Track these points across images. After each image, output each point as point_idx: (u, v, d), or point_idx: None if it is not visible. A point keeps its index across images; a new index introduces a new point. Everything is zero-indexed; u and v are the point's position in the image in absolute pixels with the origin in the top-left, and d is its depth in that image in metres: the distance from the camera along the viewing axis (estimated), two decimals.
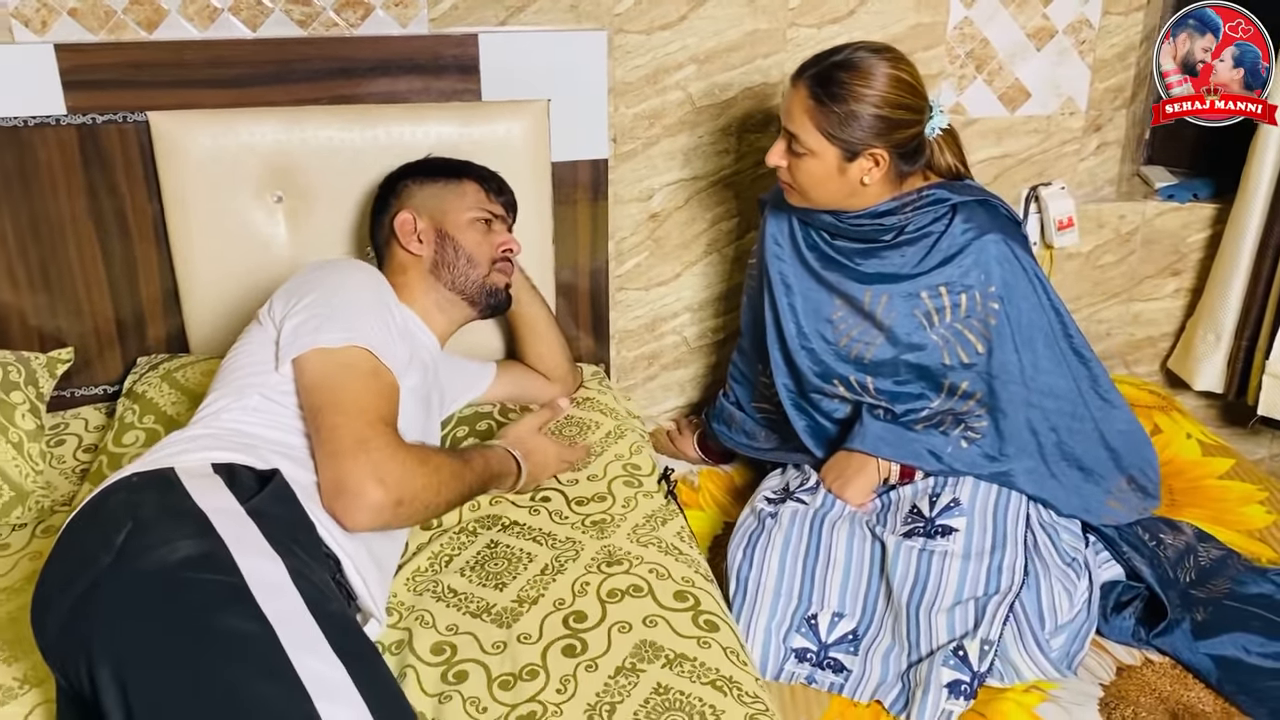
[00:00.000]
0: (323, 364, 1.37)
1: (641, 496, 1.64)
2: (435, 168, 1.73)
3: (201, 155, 1.83)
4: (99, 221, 1.87)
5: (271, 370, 1.41)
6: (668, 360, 2.28)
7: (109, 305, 1.93)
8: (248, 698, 1.03)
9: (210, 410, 1.39)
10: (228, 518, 1.18)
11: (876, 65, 1.56)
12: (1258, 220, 2.16)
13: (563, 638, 1.34)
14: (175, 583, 1.11)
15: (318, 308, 1.42)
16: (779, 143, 1.64)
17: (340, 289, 1.47)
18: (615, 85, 2.03)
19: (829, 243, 1.73)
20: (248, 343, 1.47)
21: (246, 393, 1.39)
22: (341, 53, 1.87)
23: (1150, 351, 2.49)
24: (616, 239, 2.14)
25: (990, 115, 2.25)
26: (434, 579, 1.45)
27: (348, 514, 1.28)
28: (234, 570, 1.12)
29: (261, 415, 1.37)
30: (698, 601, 1.40)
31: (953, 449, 1.66)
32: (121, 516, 1.18)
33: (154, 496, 1.21)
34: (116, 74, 1.79)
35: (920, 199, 1.64)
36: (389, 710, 1.07)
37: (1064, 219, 2.30)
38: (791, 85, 1.62)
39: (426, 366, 1.59)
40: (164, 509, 1.19)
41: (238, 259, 1.90)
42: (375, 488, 1.28)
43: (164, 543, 1.14)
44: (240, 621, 1.08)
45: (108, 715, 1.06)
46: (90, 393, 1.98)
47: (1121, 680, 1.50)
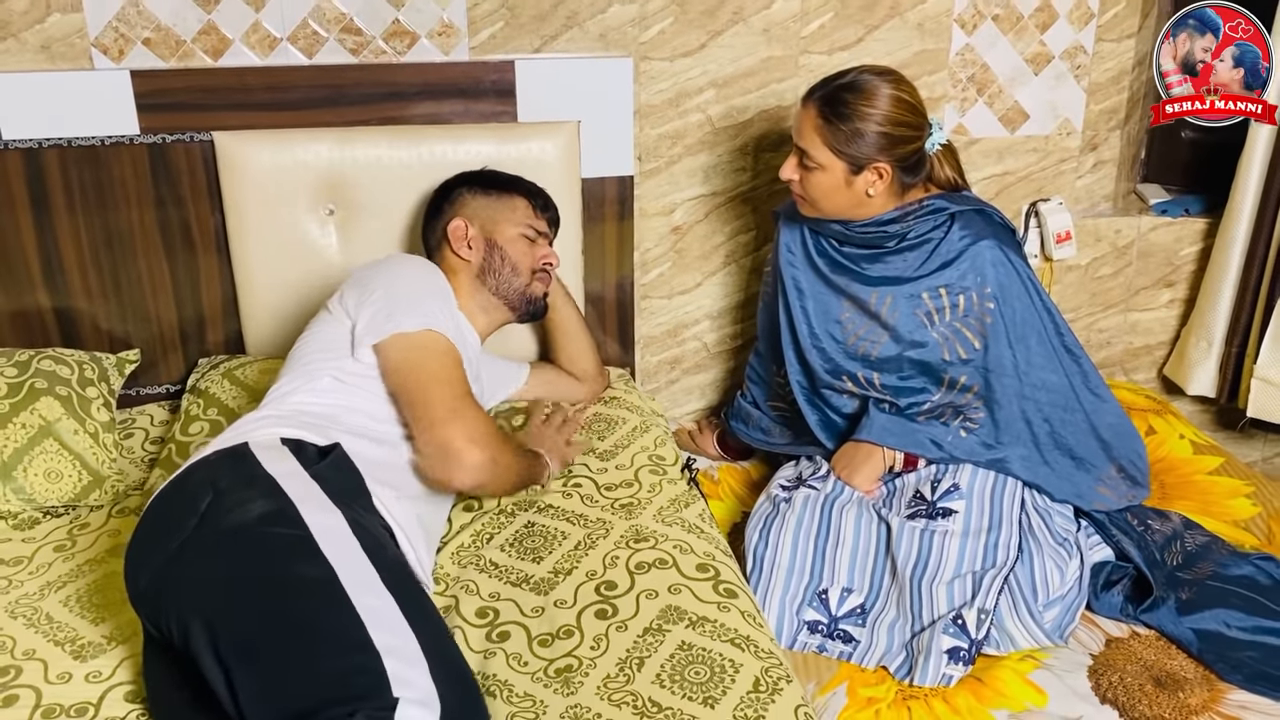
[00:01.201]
0: (404, 347, 1.52)
1: (666, 483, 1.78)
2: (489, 180, 1.87)
3: (261, 171, 1.99)
4: (166, 233, 2.03)
5: (346, 355, 1.56)
6: (689, 365, 2.43)
7: (173, 311, 2.09)
8: (314, 628, 1.18)
9: (280, 392, 1.55)
10: (295, 480, 1.34)
11: (879, 86, 1.71)
12: (1244, 234, 2.29)
13: (595, 603, 1.48)
14: (252, 538, 1.28)
15: (392, 296, 1.58)
16: (791, 158, 1.79)
17: (410, 280, 1.63)
18: (640, 108, 2.18)
19: (838, 249, 1.88)
20: (318, 331, 1.63)
21: (318, 375, 1.54)
22: (389, 78, 2.03)
23: (1147, 359, 2.61)
24: (641, 250, 2.29)
25: (991, 135, 2.40)
26: (477, 554, 1.59)
27: (454, 474, 1.46)
28: (301, 524, 1.28)
29: (330, 396, 1.53)
30: (718, 573, 1.53)
31: (952, 438, 1.79)
32: (203, 488, 1.34)
33: (230, 467, 1.37)
34: (186, 97, 1.96)
35: (921, 208, 1.78)
36: (433, 639, 1.21)
37: (1062, 232, 2.43)
38: (802, 106, 1.77)
39: (470, 361, 1.74)
40: (239, 476, 1.35)
41: (292, 267, 2.05)
42: (474, 448, 1.46)
43: (240, 505, 1.30)
44: (308, 568, 1.24)
45: (198, 656, 1.21)
46: (154, 391, 2.13)
47: (1109, 650, 1.62)
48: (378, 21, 2.03)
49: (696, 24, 2.15)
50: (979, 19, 2.29)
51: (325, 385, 1.54)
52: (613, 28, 2.12)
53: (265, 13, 1.97)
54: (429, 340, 1.54)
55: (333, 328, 1.61)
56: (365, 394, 1.54)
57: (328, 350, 1.58)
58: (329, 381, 1.54)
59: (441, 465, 1.47)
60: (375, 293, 1.59)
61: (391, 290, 1.60)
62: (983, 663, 1.60)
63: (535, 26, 2.09)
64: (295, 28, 1.99)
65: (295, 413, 1.50)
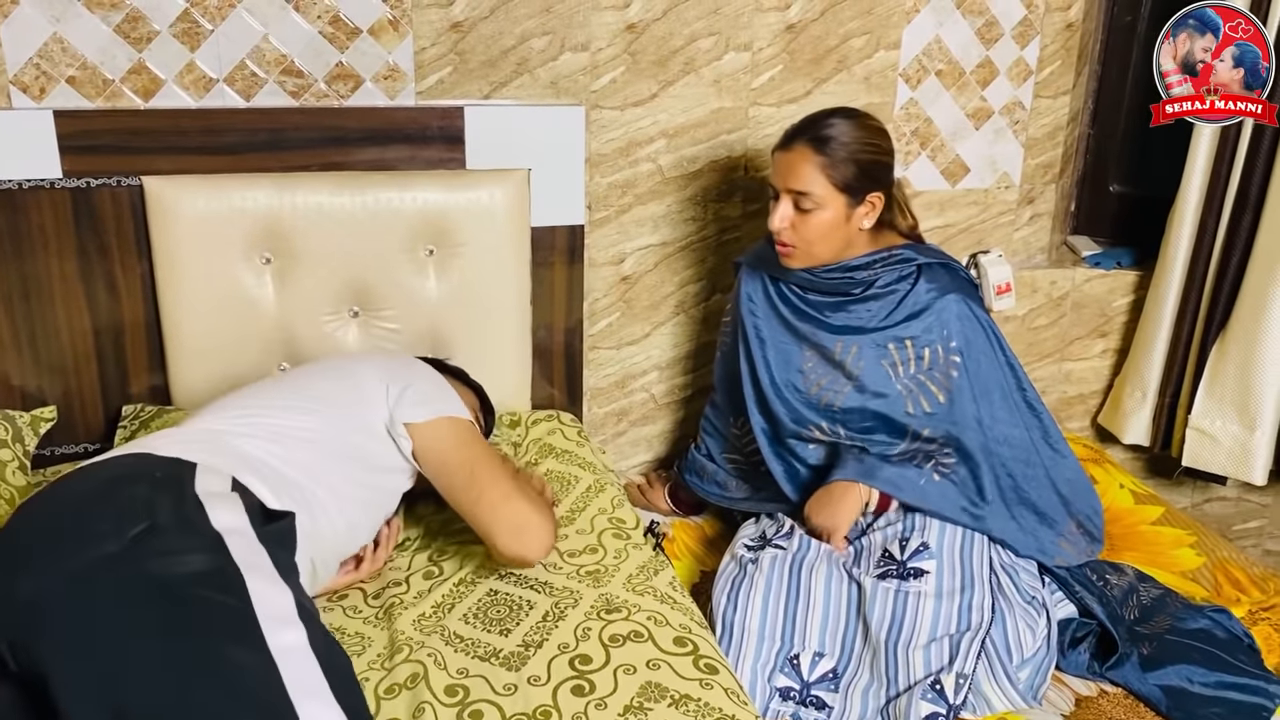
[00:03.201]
0: (454, 433, 1.52)
1: (631, 549, 1.71)
2: (444, 368, 1.81)
3: (194, 218, 1.88)
4: (88, 282, 1.90)
5: (363, 429, 1.51)
6: (636, 416, 2.38)
7: (93, 365, 1.95)
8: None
9: (260, 418, 1.45)
10: (241, 539, 1.20)
11: (857, 118, 1.77)
12: (1177, 286, 2.36)
13: (570, 679, 1.40)
14: (182, 598, 1.11)
15: (433, 385, 1.58)
16: (782, 207, 1.77)
17: (438, 379, 1.63)
18: (591, 156, 2.14)
19: (801, 297, 1.87)
20: (342, 394, 1.54)
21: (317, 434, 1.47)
22: (332, 122, 1.95)
23: (1081, 408, 2.66)
24: (590, 300, 2.24)
25: (933, 188, 2.42)
26: (439, 624, 1.51)
27: (532, 546, 1.52)
28: (243, 594, 1.13)
29: (307, 457, 1.43)
30: (696, 647, 1.47)
31: (925, 481, 1.78)
32: (138, 511, 1.18)
33: (172, 500, 1.22)
34: (113, 139, 1.84)
35: (890, 256, 1.79)
36: None
37: (1002, 284, 2.46)
38: (786, 150, 1.77)
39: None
40: (181, 519, 1.19)
41: (226, 318, 1.94)
42: (543, 519, 1.53)
43: (174, 552, 1.15)
44: (244, 652, 1.08)
45: (64, 707, 1.03)
46: (71, 451, 1.99)
47: (1080, 710, 1.61)
48: (320, 63, 1.94)
49: (648, 74, 2.13)
50: (923, 74, 2.32)
51: (308, 446, 1.45)
52: (564, 75, 2.07)
53: (200, 53, 1.87)
54: (473, 428, 1.57)
55: (357, 400, 1.54)
56: (348, 471, 1.48)
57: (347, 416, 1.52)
58: (330, 461, 1.47)
59: (520, 540, 1.50)
60: (411, 380, 1.57)
61: (428, 381, 1.60)
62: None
63: (485, 72, 2.03)
64: (232, 68, 1.90)
65: (258, 460, 1.38)
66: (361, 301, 2.00)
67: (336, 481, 1.46)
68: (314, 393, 1.54)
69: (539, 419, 2.12)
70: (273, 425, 1.45)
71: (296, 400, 1.52)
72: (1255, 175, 2.20)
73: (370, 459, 1.53)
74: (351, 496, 1.49)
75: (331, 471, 1.46)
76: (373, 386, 1.54)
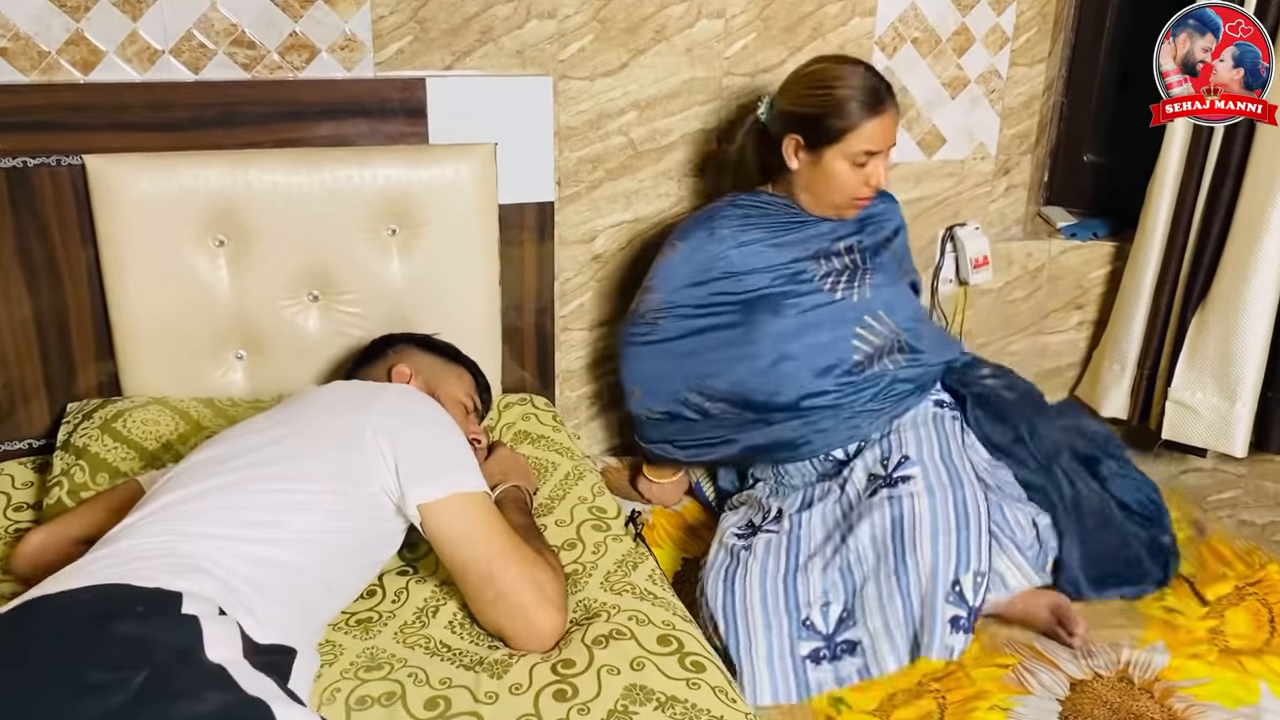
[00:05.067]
0: (466, 516, 1.38)
1: (611, 540, 1.66)
2: (434, 345, 1.77)
3: (141, 199, 1.78)
4: (26, 267, 1.79)
5: (365, 516, 1.37)
6: (608, 400, 2.31)
7: (35, 354, 1.85)
8: None
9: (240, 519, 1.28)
10: (241, 670, 1.09)
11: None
12: (1156, 257, 2.32)
13: (552, 683, 1.34)
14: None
15: (440, 442, 1.44)
16: (880, 167, 1.86)
17: (442, 422, 1.48)
18: (559, 129, 2.05)
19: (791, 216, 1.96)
20: (335, 466, 1.36)
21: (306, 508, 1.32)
22: (287, 96, 1.84)
23: (1058, 381, 2.63)
24: (560, 280, 2.16)
25: (910, 160, 2.36)
26: (423, 633, 1.44)
27: (546, 643, 1.40)
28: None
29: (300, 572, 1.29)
30: (681, 644, 1.41)
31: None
32: (135, 656, 1.05)
33: (167, 640, 1.08)
34: (50, 115, 1.73)
35: None
36: None
37: (979, 258, 2.42)
38: (881, 111, 1.84)
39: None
40: (180, 657, 1.07)
41: (177, 304, 1.85)
42: (560, 614, 1.41)
43: (188, 694, 1.04)
44: None
45: None
46: (14, 448, 1.88)
47: (1075, 694, 1.58)
48: (272, 33, 1.83)
49: (617, 42, 2.04)
50: (899, 42, 2.25)
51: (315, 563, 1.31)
52: (530, 44, 1.98)
53: (144, 22, 1.76)
54: (487, 502, 1.41)
55: (343, 463, 1.36)
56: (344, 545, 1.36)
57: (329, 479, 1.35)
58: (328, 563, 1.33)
59: (529, 643, 1.40)
60: (416, 439, 1.40)
61: (430, 434, 1.44)
62: (952, 710, 1.54)
63: (447, 41, 1.93)
64: (179, 39, 1.78)
65: (245, 581, 1.21)
66: (321, 285, 1.90)
67: (334, 577, 1.35)
68: (303, 469, 1.35)
69: (511, 403, 2.05)
70: (255, 532, 1.27)
71: (282, 485, 1.32)
72: (1236, 142, 2.16)
73: (370, 544, 1.41)
74: (352, 586, 1.42)
75: (330, 569, 1.34)
76: (370, 452, 1.36)
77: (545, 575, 1.41)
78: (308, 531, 1.30)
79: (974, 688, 1.59)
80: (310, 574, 1.30)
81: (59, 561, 1.44)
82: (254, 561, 1.24)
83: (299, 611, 1.26)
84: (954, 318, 2.50)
